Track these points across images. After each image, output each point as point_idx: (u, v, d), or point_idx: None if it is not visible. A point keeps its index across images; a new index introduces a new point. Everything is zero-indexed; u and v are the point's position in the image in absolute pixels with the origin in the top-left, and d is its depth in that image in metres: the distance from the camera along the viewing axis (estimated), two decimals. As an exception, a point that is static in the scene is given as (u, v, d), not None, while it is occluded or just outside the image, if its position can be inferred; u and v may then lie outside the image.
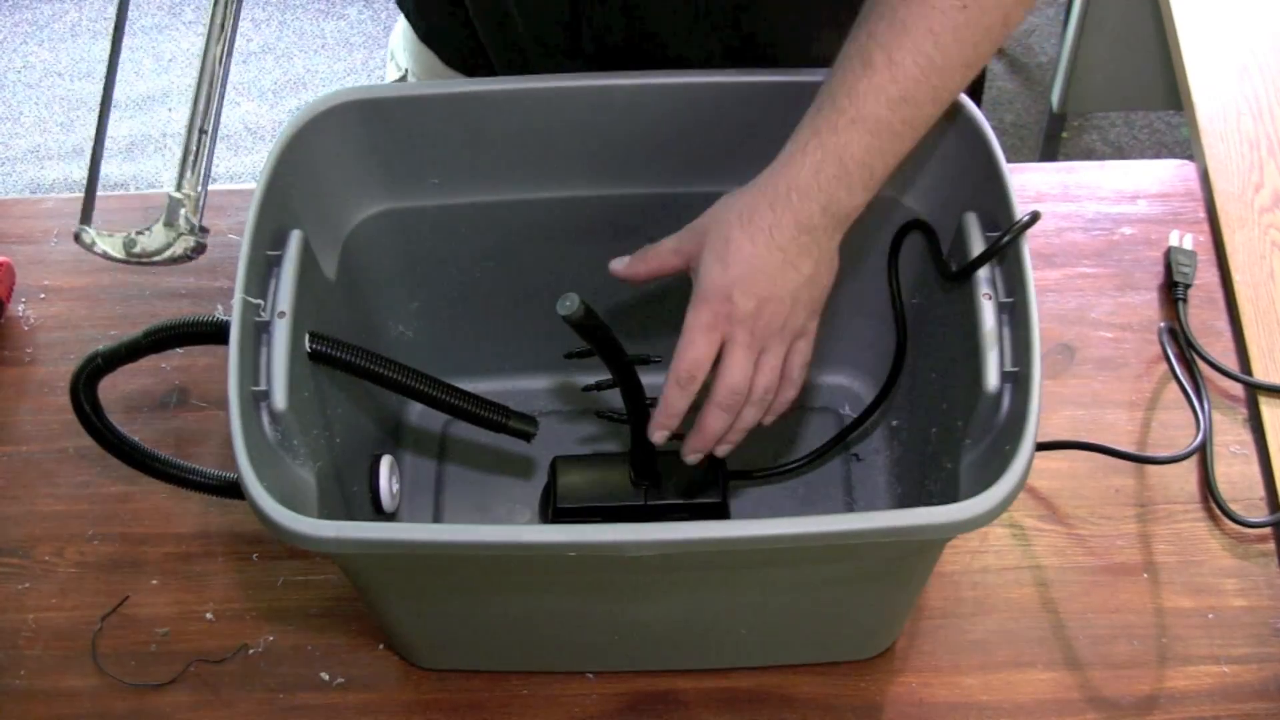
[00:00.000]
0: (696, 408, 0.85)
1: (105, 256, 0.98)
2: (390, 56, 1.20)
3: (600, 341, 0.83)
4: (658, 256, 0.85)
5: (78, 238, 0.99)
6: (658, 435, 0.86)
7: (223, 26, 0.98)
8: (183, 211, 0.97)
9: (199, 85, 0.98)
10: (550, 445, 1.02)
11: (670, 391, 0.84)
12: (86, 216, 1.01)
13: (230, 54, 0.99)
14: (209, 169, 0.99)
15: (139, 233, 0.98)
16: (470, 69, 1.09)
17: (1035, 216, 0.82)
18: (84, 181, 0.96)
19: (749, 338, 0.82)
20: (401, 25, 1.17)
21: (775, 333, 0.83)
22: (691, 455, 0.87)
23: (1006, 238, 0.82)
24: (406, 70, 1.16)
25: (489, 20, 1.01)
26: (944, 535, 0.78)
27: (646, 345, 0.91)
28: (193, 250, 0.98)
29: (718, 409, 0.84)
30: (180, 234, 0.97)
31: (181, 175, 0.97)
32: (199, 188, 0.98)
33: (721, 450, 0.88)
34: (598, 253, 0.99)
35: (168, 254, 0.97)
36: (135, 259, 0.96)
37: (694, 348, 0.82)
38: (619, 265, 0.87)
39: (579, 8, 0.96)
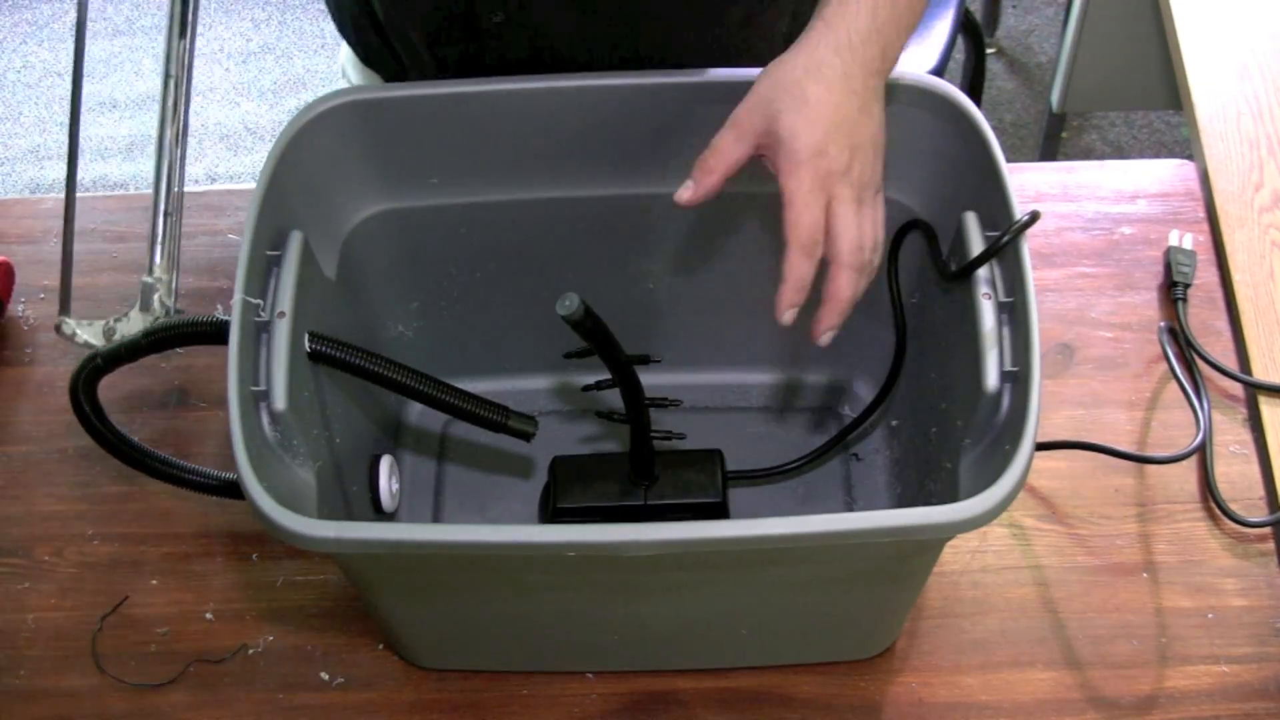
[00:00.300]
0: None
1: (86, 345, 1.00)
2: (342, 73, 1.20)
3: (599, 341, 0.82)
4: (722, 155, 0.82)
5: (58, 329, 1.01)
6: (787, 315, 0.80)
7: (175, 108, 0.99)
8: (157, 295, 0.99)
9: (159, 172, 0.99)
10: (550, 445, 1.02)
11: (796, 262, 0.79)
12: (65, 306, 1.03)
13: (186, 135, 1.00)
14: (178, 251, 1.00)
15: (117, 320, 1.01)
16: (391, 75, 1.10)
17: (1035, 216, 0.82)
18: (83, 182, 0.97)
19: (852, 192, 0.79)
20: (345, 45, 1.17)
21: (869, 184, 0.81)
22: (827, 333, 0.81)
23: (1006, 237, 0.82)
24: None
25: (401, 41, 1.02)
26: (944, 535, 0.78)
27: (646, 345, 0.91)
28: None
29: (849, 270, 0.80)
30: (158, 317, 0.98)
31: (152, 260, 0.98)
32: (171, 271, 0.99)
33: (829, 335, 0.82)
34: (597, 252, 1.00)
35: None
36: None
37: (809, 211, 0.78)
38: (685, 194, 0.83)
39: (476, 26, 0.97)
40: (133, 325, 0.99)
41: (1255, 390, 1.06)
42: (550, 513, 0.96)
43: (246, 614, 0.99)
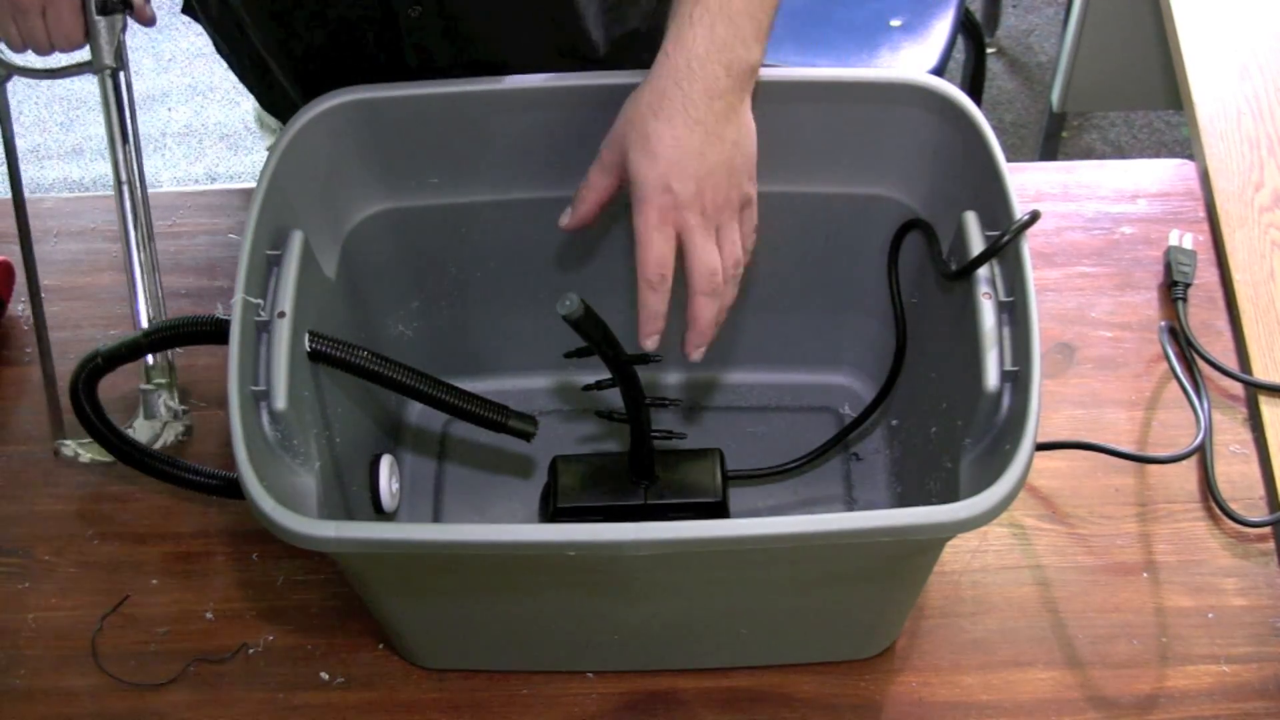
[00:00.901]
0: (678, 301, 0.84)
1: (94, 462, 0.99)
2: (259, 124, 1.21)
3: (599, 341, 0.82)
4: (591, 188, 0.85)
5: (57, 453, 1.01)
6: (649, 342, 0.84)
7: (136, 216, 0.99)
8: (161, 399, 0.98)
9: (133, 287, 0.99)
10: (550, 445, 1.02)
11: (645, 295, 0.82)
12: (59, 428, 1.03)
13: (153, 241, 1.00)
14: (172, 351, 0.99)
15: (127, 428, 0.98)
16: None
17: (1035, 216, 0.82)
18: (83, 181, 0.97)
19: (701, 219, 0.81)
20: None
21: (724, 207, 0.82)
22: (696, 352, 0.85)
23: (1006, 237, 0.82)
24: (278, 127, 1.16)
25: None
26: (944, 534, 0.79)
27: (646, 345, 0.91)
28: (183, 434, 1.00)
29: (702, 296, 0.83)
30: (166, 422, 0.98)
31: (148, 370, 0.98)
32: (168, 375, 0.98)
33: (699, 352, 0.85)
34: (598, 252, 1.00)
35: (159, 444, 0.98)
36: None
37: (653, 247, 0.81)
38: (565, 220, 0.87)
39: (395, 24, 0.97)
40: (142, 433, 0.99)
41: (1255, 390, 1.06)
42: (550, 512, 0.96)
43: (247, 613, 0.99)
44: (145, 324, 0.98)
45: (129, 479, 1.03)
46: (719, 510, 0.96)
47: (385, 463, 0.97)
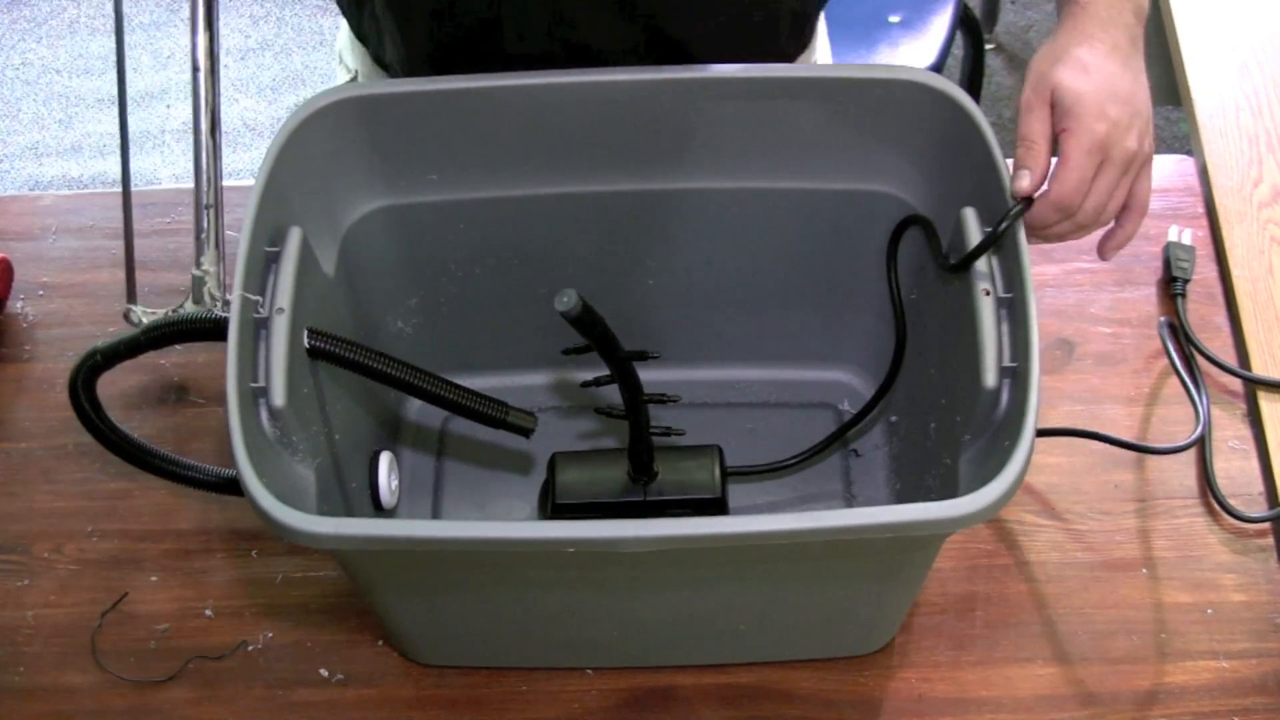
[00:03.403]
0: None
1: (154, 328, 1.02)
2: (339, 59, 1.20)
3: (598, 337, 0.82)
4: (1038, 138, 0.84)
5: (126, 316, 1.05)
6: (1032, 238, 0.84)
7: (207, 99, 1.02)
8: (207, 287, 1.02)
9: (197, 165, 1.02)
10: (549, 441, 1.02)
11: (1047, 213, 0.82)
12: (131, 295, 1.09)
13: (219, 126, 1.03)
14: (223, 242, 1.03)
15: (175, 309, 1.05)
16: (404, 70, 1.09)
17: (1029, 202, 0.83)
18: (82, 178, 0.99)
19: (1121, 160, 0.82)
20: (345, 26, 1.16)
21: (1140, 154, 0.83)
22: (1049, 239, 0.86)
23: (1004, 224, 0.82)
24: (356, 72, 1.15)
25: (404, 19, 1.00)
26: (943, 531, 0.79)
27: (645, 341, 0.90)
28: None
29: (1067, 221, 0.84)
30: (209, 309, 1.01)
31: (199, 253, 1.01)
32: (218, 263, 1.02)
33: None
34: (596, 248, 1.00)
35: None
36: None
37: (1077, 170, 0.81)
38: (1025, 182, 0.83)
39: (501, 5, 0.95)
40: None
41: (1254, 386, 1.06)
42: (549, 509, 0.96)
43: (246, 610, 0.99)
44: (206, 220, 1.04)
45: (128, 476, 1.03)
46: (718, 507, 0.96)
47: (384, 459, 0.97)
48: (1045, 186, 0.82)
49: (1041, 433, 1.00)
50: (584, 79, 0.90)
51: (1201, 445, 1.03)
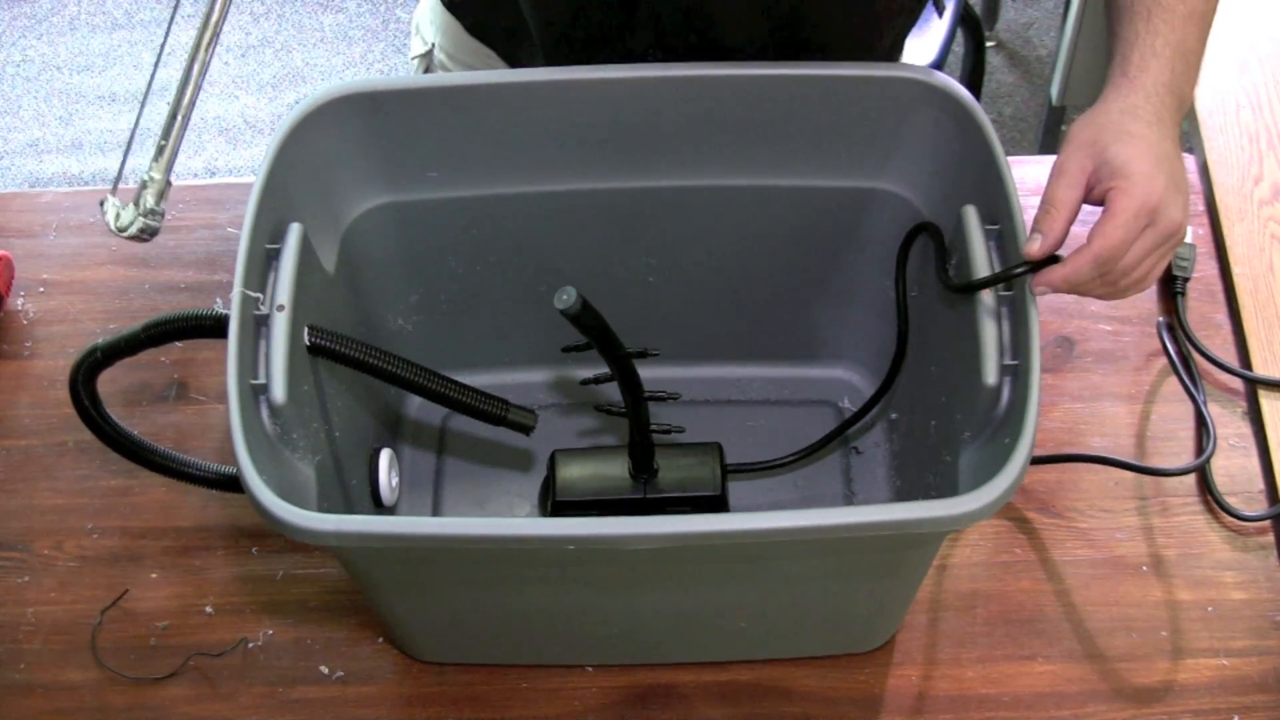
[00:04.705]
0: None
1: (114, 227, 1.04)
2: (415, 30, 1.19)
3: (598, 335, 0.82)
4: (1062, 205, 0.82)
5: (101, 204, 1.05)
6: (1039, 289, 0.82)
7: (213, 16, 1.01)
8: (146, 192, 1.02)
9: (186, 74, 1.02)
10: (549, 439, 1.02)
11: (1084, 267, 0.81)
12: (115, 187, 1.07)
13: (216, 42, 1.02)
14: (174, 158, 1.02)
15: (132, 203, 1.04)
16: (501, 41, 1.08)
17: (1056, 259, 0.81)
18: (82, 175, 0.99)
19: (1160, 233, 0.81)
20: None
21: (1175, 231, 0.82)
22: (1039, 287, 0.83)
23: (1017, 271, 0.81)
24: (433, 44, 1.15)
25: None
26: (944, 529, 0.78)
27: (645, 339, 0.91)
28: (144, 234, 1.02)
29: (1096, 280, 0.82)
30: (142, 214, 1.01)
31: (154, 157, 1.02)
32: (165, 174, 1.01)
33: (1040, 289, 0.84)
34: (596, 246, 1.00)
35: (116, 227, 1.03)
36: (118, 232, 1.03)
37: (1124, 230, 0.80)
38: (1036, 246, 0.82)
39: None
40: (108, 210, 1.03)
41: (1254, 384, 1.06)
42: (550, 506, 0.96)
43: (246, 608, 0.99)
44: (175, 129, 1.04)
45: (128, 473, 1.03)
46: (718, 504, 0.96)
47: (385, 456, 0.97)
48: (1087, 241, 0.81)
49: (1043, 459, 1.00)
50: (585, 76, 0.90)
51: (1201, 444, 1.03)
